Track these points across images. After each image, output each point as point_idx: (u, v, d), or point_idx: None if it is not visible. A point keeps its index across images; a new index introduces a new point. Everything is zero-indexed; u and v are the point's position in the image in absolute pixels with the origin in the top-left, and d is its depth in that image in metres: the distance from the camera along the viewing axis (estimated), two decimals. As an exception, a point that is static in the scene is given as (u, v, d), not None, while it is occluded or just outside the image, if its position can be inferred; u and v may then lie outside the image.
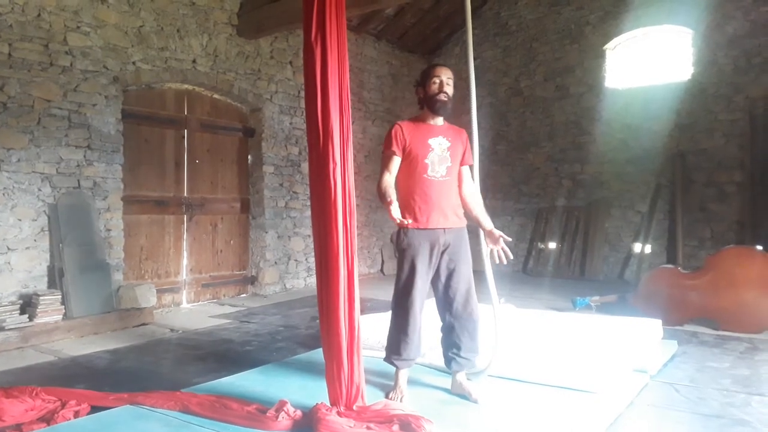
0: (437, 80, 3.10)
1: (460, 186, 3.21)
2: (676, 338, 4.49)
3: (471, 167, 3.26)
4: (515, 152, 8.99)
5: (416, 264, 3.02)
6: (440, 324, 3.19)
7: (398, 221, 2.81)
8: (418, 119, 3.19)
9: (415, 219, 3.03)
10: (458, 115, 3.50)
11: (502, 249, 3.09)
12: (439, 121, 3.18)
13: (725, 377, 3.66)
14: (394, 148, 3.07)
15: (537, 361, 3.43)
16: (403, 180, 3.10)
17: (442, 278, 3.08)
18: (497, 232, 3.09)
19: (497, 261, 3.13)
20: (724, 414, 3.03)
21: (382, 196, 2.97)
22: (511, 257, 3.11)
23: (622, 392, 3.21)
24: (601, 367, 3.29)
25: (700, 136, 7.47)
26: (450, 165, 3.09)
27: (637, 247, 7.83)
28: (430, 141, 3.08)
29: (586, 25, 8.40)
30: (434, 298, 3.18)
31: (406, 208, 3.06)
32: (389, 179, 3.05)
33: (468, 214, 3.22)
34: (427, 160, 3.05)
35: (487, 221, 3.19)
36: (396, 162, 3.09)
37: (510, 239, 3.13)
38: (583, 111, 8.39)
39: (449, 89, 3.11)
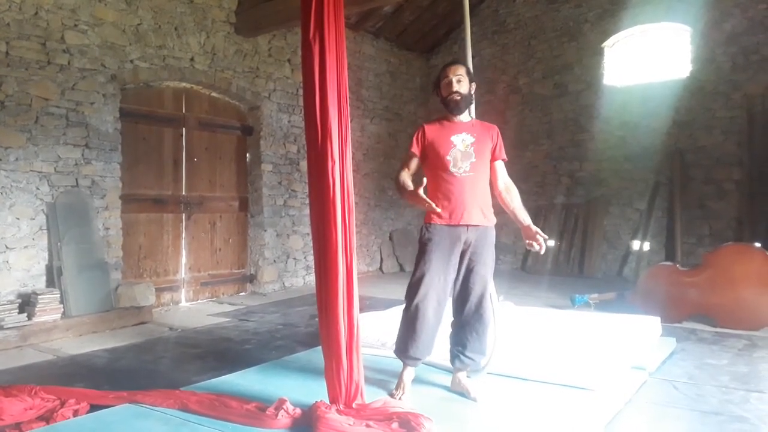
0: (447, 80, 3.11)
1: (494, 182, 3.19)
2: (675, 335, 4.49)
3: (505, 162, 3.24)
4: (514, 150, 8.90)
5: (433, 259, 3.00)
6: (451, 320, 3.18)
7: (427, 205, 2.80)
8: (443, 118, 3.20)
9: (439, 215, 3.02)
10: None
11: (539, 243, 3.04)
12: (464, 117, 3.16)
13: (724, 374, 3.67)
14: (414, 149, 3.12)
15: (536, 359, 3.43)
16: (429, 178, 3.10)
17: (460, 277, 3.07)
18: (534, 228, 3.05)
19: (535, 249, 3.08)
20: (723, 411, 3.04)
21: (401, 188, 3.00)
22: (545, 249, 3.07)
23: (620, 389, 3.21)
24: (600, 364, 3.29)
25: (698, 134, 7.48)
26: (474, 161, 3.05)
27: (636, 245, 7.84)
28: (453, 138, 3.07)
29: (585, 23, 8.40)
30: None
31: None
32: (405, 174, 3.07)
33: (504, 209, 3.20)
34: (449, 157, 3.03)
35: (524, 216, 3.15)
36: (414, 161, 3.12)
37: (547, 237, 3.08)
38: (581, 109, 8.39)
39: (461, 86, 3.08)
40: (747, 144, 7.08)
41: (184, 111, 6.31)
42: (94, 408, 2.95)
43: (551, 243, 8.45)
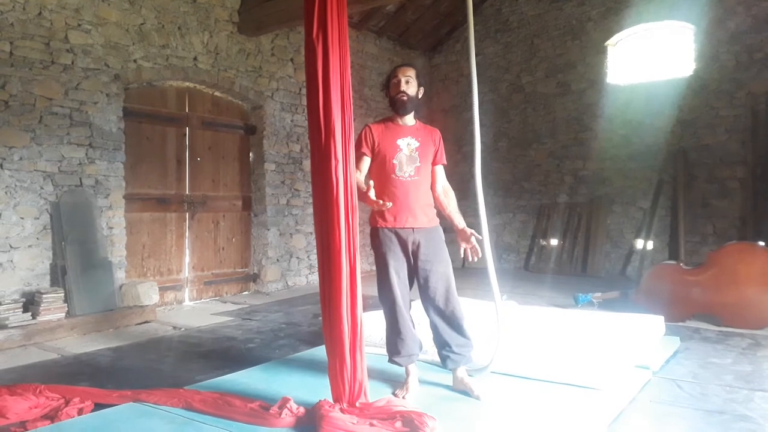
0: (396, 81, 3.16)
1: (433, 185, 3.27)
2: (679, 334, 4.49)
3: (444, 167, 3.31)
4: (517, 149, 8.98)
5: (389, 261, 3.09)
6: (428, 322, 3.22)
7: (378, 204, 2.85)
8: (388, 120, 3.25)
9: (384, 218, 3.11)
10: (460, 112, 3.53)
11: (473, 247, 3.11)
12: (409, 120, 3.22)
13: (728, 373, 3.66)
14: (364, 149, 3.15)
15: (539, 358, 3.43)
16: (374, 181, 3.15)
17: (421, 280, 3.13)
18: (469, 231, 3.12)
19: (469, 259, 3.16)
20: (727, 410, 3.03)
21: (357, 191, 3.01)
22: (479, 255, 3.12)
23: (624, 388, 3.21)
24: (604, 363, 3.29)
25: (702, 132, 7.46)
26: (419, 165, 3.13)
27: (639, 244, 7.82)
28: (398, 142, 3.13)
29: (588, 21, 8.38)
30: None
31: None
32: (358, 175, 3.10)
33: (441, 213, 3.26)
34: (395, 161, 3.10)
35: (459, 220, 3.22)
36: (365, 161, 3.16)
37: (480, 237, 3.12)
38: (584, 107, 8.38)
39: (409, 87, 3.14)
40: (751, 142, 7.05)
41: (187, 110, 6.32)
42: (98, 407, 2.97)
43: (553, 242, 8.46)
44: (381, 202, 2.87)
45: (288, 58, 7.27)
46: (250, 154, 7.07)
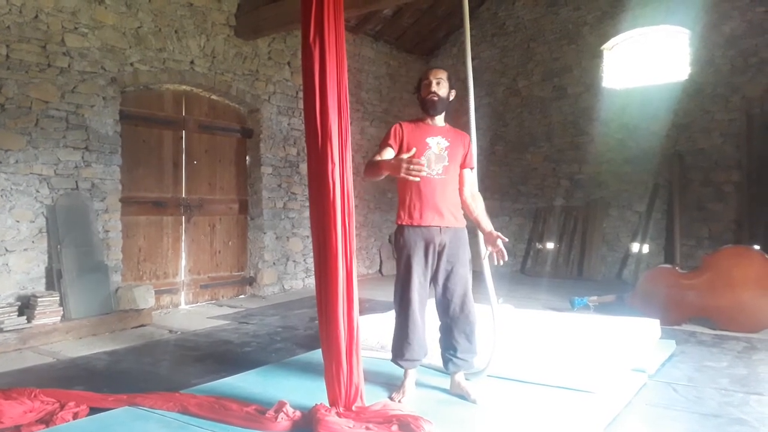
0: (427, 82, 3.18)
1: (461, 189, 3.25)
2: (674, 338, 4.50)
3: (472, 170, 3.29)
4: (513, 152, 9.01)
5: (412, 262, 3.06)
6: (438, 324, 3.20)
7: (406, 160, 2.82)
8: (418, 120, 3.26)
9: (410, 216, 3.09)
10: (457, 116, 3.53)
11: (499, 251, 3.09)
12: (439, 121, 3.22)
13: (723, 377, 3.67)
14: (390, 141, 3.14)
15: (535, 362, 3.43)
16: (401, 178, 3.10)
17: (440, 280, 3.10)
18: (495, 233, 3.11)
19: (495, 263, 3.15)
20: (722, 413, 3.04)
21: (375, 164, 3.04)
22: (506, 258, 3.11)
23: (620, 392, 3.21)
24: (600, 366, 3.30)
25: (697, 136, 7.49)
26: (447, 164, 3.12)
27: (635, 247, 7.85)
28: (428, 140, 3.13)
29: (584, 26, 8.42)
30: (434, 299, 3.19)
31: (403, 205, 3.13)
32: (378, 157, 3.11)
33: (468, 216, 3.25)
34: (423, 158, 3.07)
35: (486, 223, 3.20)
36: (388, 152, 3.14)
37: (507, 240, 3.14)
38: (580, 111, 8.41)
39: (440, 88, 3.15)
40: (746, 146, 7.09)
41: (184, 114, 6.32)
42: (93, 411, 2.95)
43: (549, 245, 8.48)
44: (415, 161, 2.81)
45: (285, 62, 7.28)
46: (247, 158, 7.06)
